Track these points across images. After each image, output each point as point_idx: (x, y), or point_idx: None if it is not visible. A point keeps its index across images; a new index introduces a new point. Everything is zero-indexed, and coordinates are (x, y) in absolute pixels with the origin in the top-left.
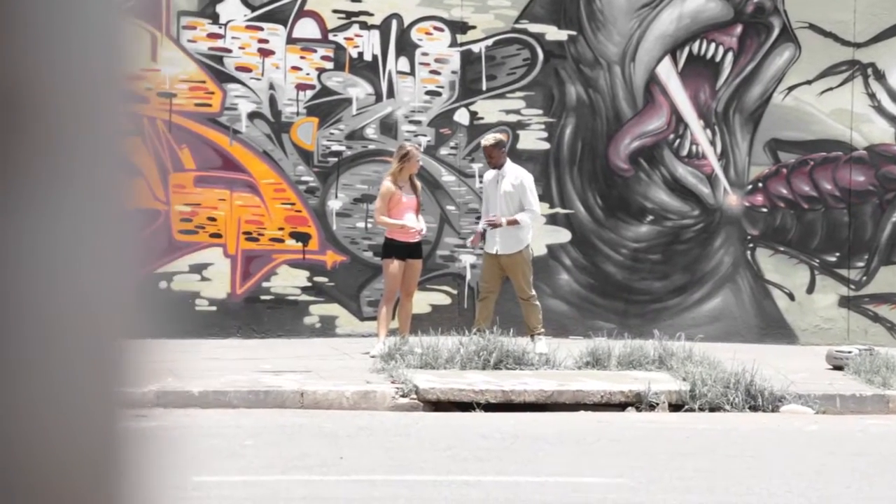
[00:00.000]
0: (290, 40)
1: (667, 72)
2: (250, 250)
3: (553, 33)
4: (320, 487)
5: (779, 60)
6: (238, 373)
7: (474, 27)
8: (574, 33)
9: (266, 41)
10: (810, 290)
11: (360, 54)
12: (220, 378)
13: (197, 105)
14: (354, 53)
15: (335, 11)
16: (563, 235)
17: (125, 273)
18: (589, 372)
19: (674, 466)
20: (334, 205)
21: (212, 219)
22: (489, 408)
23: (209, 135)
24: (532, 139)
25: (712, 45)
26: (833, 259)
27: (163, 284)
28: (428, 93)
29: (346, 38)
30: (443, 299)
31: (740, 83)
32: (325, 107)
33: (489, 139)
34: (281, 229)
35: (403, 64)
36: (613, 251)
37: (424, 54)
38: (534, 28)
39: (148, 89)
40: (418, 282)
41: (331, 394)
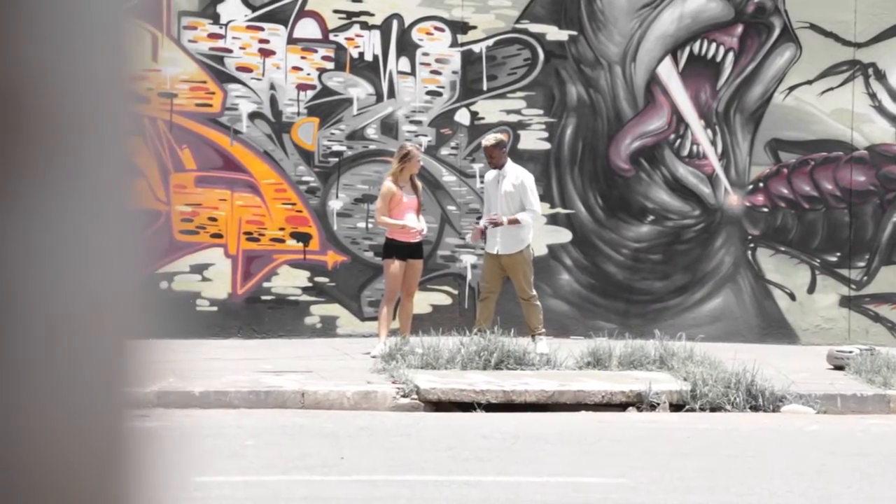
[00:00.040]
0: (291, 40)
1: (667, 72)
2: (251, 250)
3: (554, 33)
4: (321, 488)
5: (779, 60)
6: (239, 373)
7: (475, 27)
8: (575, 33)
9: (267, 41)
10: (811, 289)
11: (361, 54)
12: (221, 378)
13: (198, 105)
14: (355, 53)
15: (336, 11)
16: (564, 235)
17: (131, 273)
18: (590, 372)
19: (675, 466)
20: (335, 205)
21: (213, 219)
22: (490, 408)
23: (210, 135)
24: (533, 139)
25: (713, 45)
26: (834, 259)
27: (164, 285)
28: (429, 93)
29: (347, 39)
30: (443, 299)
31: (741, 83)
32: (326, 107)
33: (490, 139)
34: (282, 229)
35: (404, 64)
36: (614, 251)
37: (425, 54)
38: (534, 28)
39: (149, 89)
40: (419, 282)
41: (332, 394)
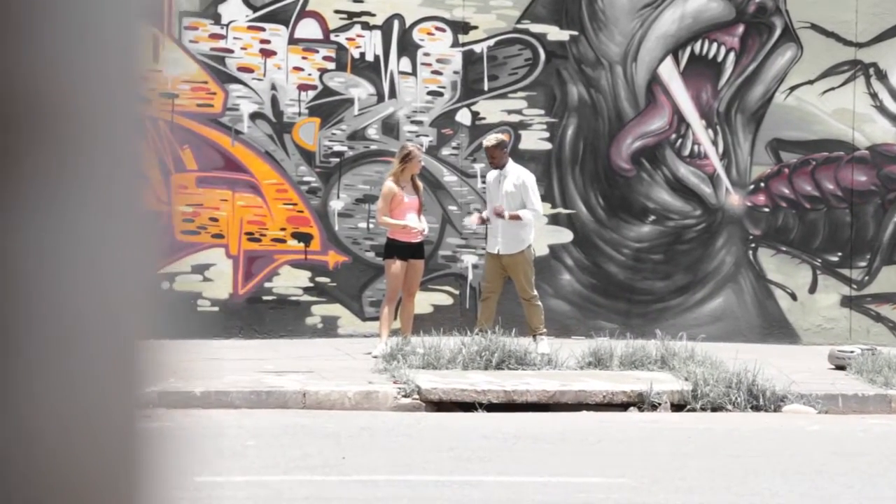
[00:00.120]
0: (292, 41)
1: (669, 72)
2: (252, 251)
3: (555, 33)
4: (322, 488)
5: (781, 60)
6: (240, 373)
7: (476, 27)
8: (576, 33)
9: (268, 42)
10: (812, 289)
11: (362, 55)
12: (223, 378)
13: (199, 106)
14: (356, 54)
15: (337, 12)
16: (565, 235)
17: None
18: (591, 372)
19: (676, 466)
20: (336, 205)
21: (214, 219)
22: (491, 408)
23: (211, 135)
24: (534, 139)
25: (714, 45)
26: (835, 259)
27: (165, 285)
28: (430, 93)
29: (348, 39)
30: (445, 299)
31: (742, 83)
32: (327, 107)
33: (491, 139)
34: (283, 230)
35: (405, 64)
36: (615, 251)
37: (426, 54)
38: (535, 28)
39: (151, 90)
40: (420, 282)
41: (333, 394)
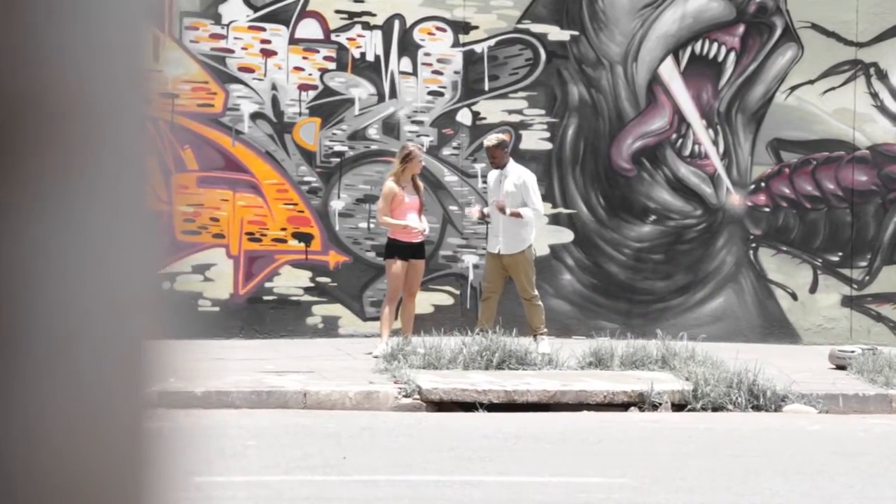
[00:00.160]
0: (293, 41)
1: (669, 72)
2: (253, 251)
3: (555, 33)
4: (323, 488)
5: (781, 60)
6: (241, 373)
7: (477, 27)
8: (576, 33)
9: (268, 42)
10: (813, 289)
11: (363, 55)
12: (223, 378)
13: (199, 106)
14: (357, 54)
15: (337, 12)
16: (566, 235)
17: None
18: (592, 372)
19: (677, 466)
20: (337, 205)
21: (214, 219)
22: (492, 408)
23: (211, 135)
24: (534, 139)
25: (715, 45)
26: (836, 259)
27: (165, 285)
28: (430, 93)
29: (349, 39)
30: (445, 299)
31: (743, 83)
32: (328, 107)
33: (492, 139)
34: (283, 230)
35: (406, 64)
36: (616, 251)
37: (427, 54)
38: (536, 28)
39: (155, 90)
40: (421, 282)
41: (334, 394)
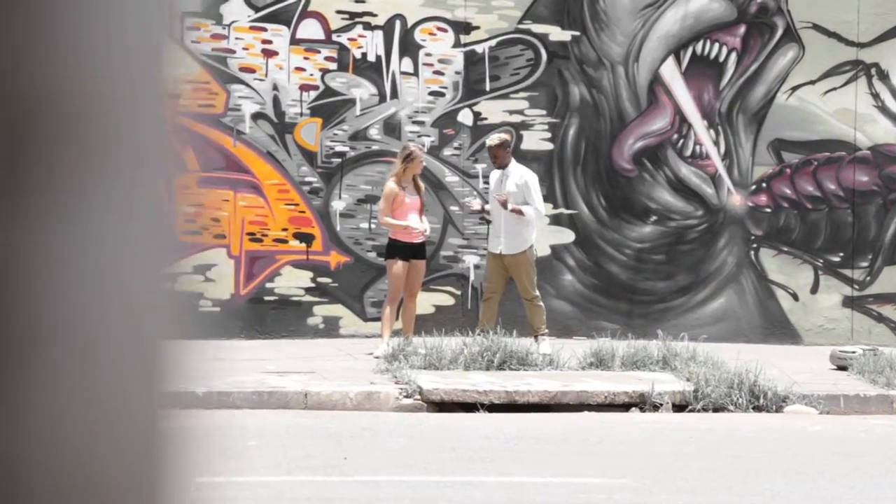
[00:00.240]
0: (294, 41)
1: (670, 72)
2: (254, 251)
3: (556, 34)
4: (324, 488)
5: (782, 60)
6: (242, 373)
7: (478, 28)
8: (577, 34)
9: (270, 42)
10: (814, 290)
11: (364, 55)
12: (224, 379)
13: (200, 106)
14: (358, 54)
15: (339, 12)
16: (567, 236)
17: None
18: (593, 372)
19: (677, 467)
20: (338, 205)
21: (215, 220)
22: (493, 408)
23: (213, 136)
24: (535, 140)
25: (716, 46)
26: (837, 259)
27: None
28: (431, 93)
29: (350, 39)
30: (446, 300)
31: (744, 83)
32: (329, 107)
33: (494, 139)
34: (284, 230)
35: (407, 64)
36: (617, 251)
37: (428, 55)
38: (537, 28)
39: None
40: (422, 282)
41: (335, 394)
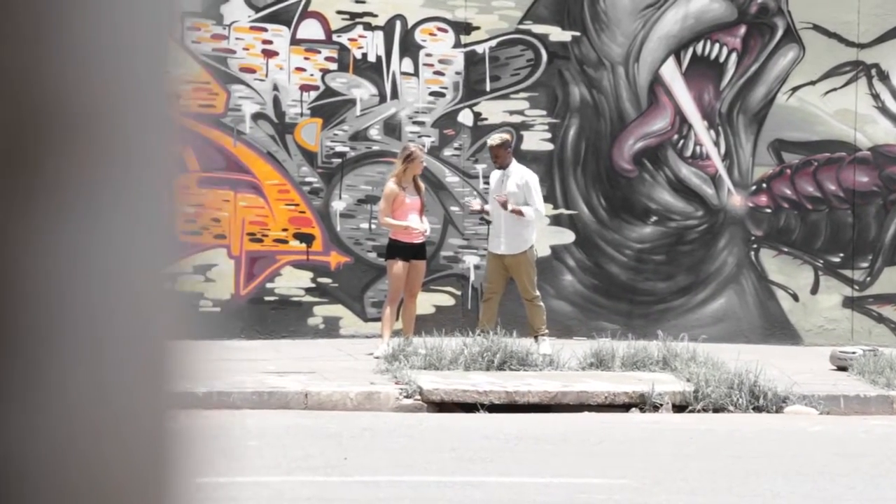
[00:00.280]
0: (294, 41)
1: (671, 72)
2: (254, 251)
3: (557, 34)
4: (325, 488)
5: (783, 61)
6: (242, 374)
7: (478, 28)
8: (578, 34)
9: (270, 42)
10: (814, 290)
11: (364, 55)
12: (224, 379)
13: (201, 106)
14: (358, 54)
15: (339, 12)
16: (567, 236)
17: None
18: (593, 373)
19: (678, 467)
20: (338, 206)
21: (216, 220)
22: (493, 409)
23: (213, 136)
24: (536, 140)
25: (716, 46)
26: (837, 260)
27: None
28: (432, 94)
29: (350, 39)
30: (446, 300)
31: (744, 84)
32: (329, 108)
33: (495, 139)
34: (285, 230)
35: (407, 65)
36: (617, 252)
37: (428, 55)
38: (538, 29)
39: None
40: (422, 283)
41: (335, 395)
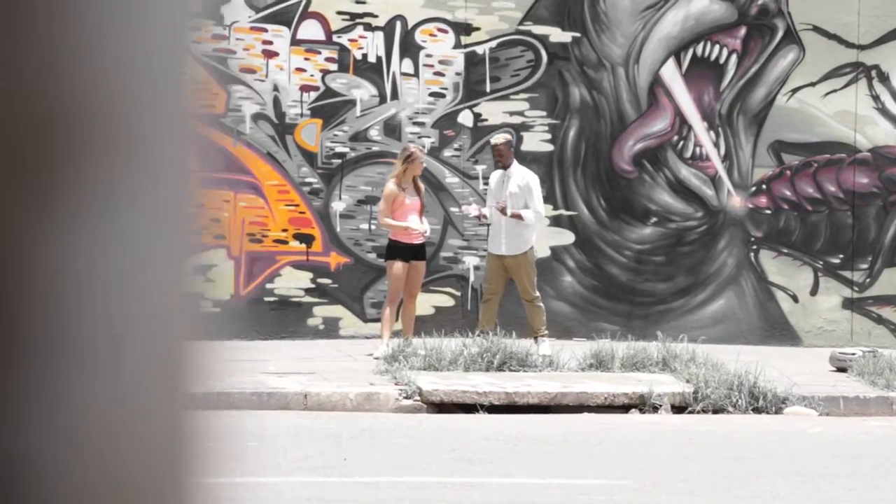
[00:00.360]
0: (295, 42)
1: (671, 74)
2: (254, 252)
3: (557, 35)
4: (324, 489)
5: (783, 62)
6: (242, 374)
7: (478, 29)
8: (578, 35)
9: (270, 43)
10: (814, 291)
11: (365, 56)
12: (224, 380)
13: (201, 106)
14: (358, 55)
15: (339, 13)
16: (567, 237)
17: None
18: (592, 374)
19: (677, 468)
20: (338, 206)
21: (215, 220)
22: (493, 410)
23: (213, 136)
24: (536, 141)
25: (716, 47)
26: (837, 261)
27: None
28: (432, 94)
29: (350, 40)
30: (446, 301)
31: (744, 85)
32: (329, 108)
33: (499, 138)
34: (285, 231)
35: (407, 65)
36: (617, 253)
37: (428, 56)
38: (538, 30)
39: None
40: (422, 284)
41: (334, 395)
